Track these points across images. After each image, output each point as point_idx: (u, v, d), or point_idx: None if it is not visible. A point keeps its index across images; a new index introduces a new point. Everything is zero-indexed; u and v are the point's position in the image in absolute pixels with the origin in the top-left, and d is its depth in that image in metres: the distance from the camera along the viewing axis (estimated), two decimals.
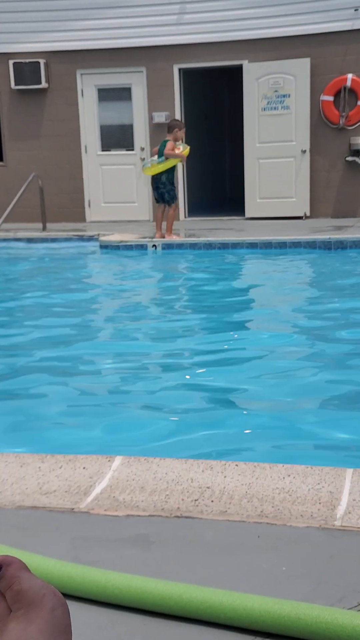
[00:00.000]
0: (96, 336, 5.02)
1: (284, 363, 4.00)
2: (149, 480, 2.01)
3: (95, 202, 11.56)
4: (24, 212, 10.58)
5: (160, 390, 3.60)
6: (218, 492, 1.94)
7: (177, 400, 3.44)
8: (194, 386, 3.71)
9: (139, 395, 3.56)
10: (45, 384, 3.74)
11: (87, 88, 11.21)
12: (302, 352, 4.24)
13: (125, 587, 1.50)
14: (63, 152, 11.40)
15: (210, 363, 4.08)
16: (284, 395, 3.43)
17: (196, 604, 1.46)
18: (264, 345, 4.46)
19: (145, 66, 10.89)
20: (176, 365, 4.12)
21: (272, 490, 1.94)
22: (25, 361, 4.23)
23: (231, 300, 6.14)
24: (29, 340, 4.77)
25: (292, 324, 5.00)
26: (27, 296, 6.44)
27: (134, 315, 5.61)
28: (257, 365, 3.99)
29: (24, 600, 0.63)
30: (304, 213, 10.55)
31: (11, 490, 1.97)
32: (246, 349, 4.44)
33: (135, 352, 4.41)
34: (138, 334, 5.00)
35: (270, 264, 7.67)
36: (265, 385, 3.60)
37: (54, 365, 4.10)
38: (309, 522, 1.78)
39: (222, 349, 4.44)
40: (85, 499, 1.91)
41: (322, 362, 4.00)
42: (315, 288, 6.59)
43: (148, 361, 4.21)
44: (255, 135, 10.64)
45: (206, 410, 3.32)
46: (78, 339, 4.82)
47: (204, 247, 8.39)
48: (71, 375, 3.94)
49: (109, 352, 4.43)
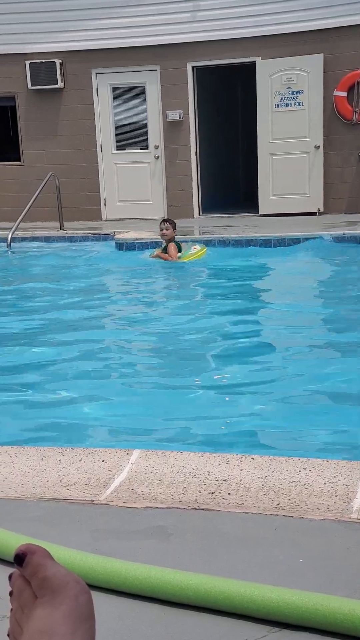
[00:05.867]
0: (113, 332, 5.06)
1: (302, 357, 4.01)
2: (167, 473, 2.03)
3: (111, 200, 11.61)
4: (42, 211, 10.65)
5: (178, 384, 3.63)
6: (235, 484, 1.96)
7: (194, 395, 3.47)
8: (210, 380, 3.73)
9: (157, 390, 3.59)
10: (66, 379, 3.79)
11: (102, 87, 11.26)
12: (320, 346, 4.25)
13: (145, 577, 1.52)
14: (79, 151, 11.46)
15: (227, 357, 4.11)
16: (301, 389, 3.44)
17: (214, 594, 1.48)
18: (281, 339, 4.48)
19: (159, 64, 10.91)
20: (193, 359, 4.15)
21: (288, 483, 1.96)
22: (44, 357, 4.27)
23: (246, 296, 6.15)
24: (46, 337, 4.81)
25: (308, 318, 5.01)
26: (45, 294, 6.50)
27: (151, 311, 5.65)
28: (274, 359, 4.01)
29: (48, 587, 0.65)
30: (318, 209, 10.53)
31: (32, 482, 2.00)
32: (264, 343, 4.46)
33: (151, 347, 4.45)
34: (155, 329, 5.03)
35: (284, 259, 7.66)
36: (283, 379, 3.62)
37: (73, 361, 4.14)
38: (325, 514, 1.79)
39: (239, 343, 4.47)
40: (104, 492, 1.94)
41: (339, 355, 4.02)
42: (329, 283, 6.59)
43: (165, 356, 4.24)
44: (268, 132, 10.64)
45: (223, 404, 3.34)
46: (94, 335, 4.86)
47: (218, 244, 8.40)
48: (90, 371, 3.98)
49: (127, 347, 4.47)
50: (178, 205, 11.21)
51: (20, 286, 7.06)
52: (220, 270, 7.37)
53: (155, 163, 11.32)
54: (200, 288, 6.78)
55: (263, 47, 10.46)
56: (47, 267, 8.08)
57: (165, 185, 11.33)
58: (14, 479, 2.04)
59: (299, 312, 5.22)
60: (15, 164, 11.83)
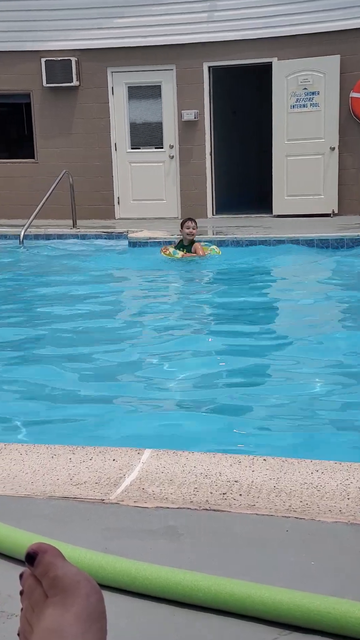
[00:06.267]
0: (124, 331, 5.06)
1: (314, 358, 3.99)
2: (178, 473, 2.02)
3: (125, 199, 11.62)
4: (55, 208, 10.67)
5: (190, 385, 3.62)
6: (246, 486, 1.94)
7: (206, 395, 3.46)
8: (222, 381, 3.72)
9: (168, 390, 3.58)
10: (76, 378, 3.79)
11: (117, 86, 11.27)
12: (333, 347, 4.23)
13: (155, 577, 1.51)
14: (93, 150, 11.48)
15: (239, 358, 4.10)
16: (313, 391, 3.42)
17: (224, 595, 1.47)
18: (292, 339, 4.46)
19: (175, 64, 10.91)
20: (205, 359, 4.14)
21: (300, 485, 1.94)
22: (54, 355, 4.28)
23: (257, 296, 6.14)
24: (58, 335, 4.82)
25: (319, 319, 4.99)
26: (56, 291, 6.51)
27: (162, 310, 5.64)
28: (286, 361, 3.99)
29: (59, 587, 0.65)
30: (332, 210, 10.49)
31: (42, 480, 2.00)
32: (275, 344, 4.45)
33: (164, 348, 4.44)
34: (166, 328, 5.03)
35: (298, 260, 7.64)
36: (296, 379, 3.60)
37: (84, 360, 4.14)
38: (337, 517, 1.78)
39: (251, 344, 4.46)
40: (115, 491, 1.93)
41: (353, 357, 3.99)
42: (342, 285, 6.56)
43: (177, 356, 4.24)
44: (283, 133, 10.61)
45: (235, 406, 3.33)
46: (106, 334, 4.86)
47: (231, 244, 8.39)
48: (101, 370, 3.98)
49: (139, 347, 4.46)
50: (192, 205, 11.20)
51: (32, 283, 7.08)
52: (233, 269, 7.35)
53: (169, 162, 11.32)
54: (212, 287, 6.76)
55: (279, 47, 10.43)
56: (59, 265, 8.10)
57: (179, 185, 11.32)
58: (24, 476, 2.03)
59: (310, 312, 5.20)
60: (30, 161, 11.86)
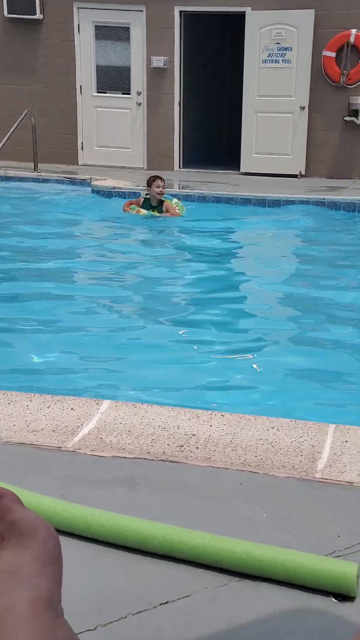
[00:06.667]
0: (85, 281, 5.02)
1: (276, 318, 4.04)
2: (136, 424, 2.04)
3: (89, 145, 11.37)
4: (16, 150, 10.36)
5: (153, 339, 3.63)
6: (203, 439, 1.98)
7: (169, 350, 3.47)
8: (186, 336, 3.74)
9: (131, 344, 3.58)
10: (38, 326, 3.76)
11: (83, 23, 10.89)
12: (294, 308, 4.28)
13: (110, 524, 1.54)
14: (57, 90, 11.13)
15: (203, 315, 4.11)
16: (274, 351, 3.47)
17: (178, 544, 1.50)
18: (256, 299, 4.50)
19: (146, 5, 10.58)
20: (169, 315, 4.14)
21: (255, 441, 1.98)
22: (13, 305, 4.23)
23: (224, 254, 6.14)
24: (18, 283, 4.76)
25: (283, 280, 5.03)
26: (13, 236, 6.39)
27: (123, 263, 5.60)
28: (249, 319, 4.03)
29: (17, 530, 0.65)
30: (299, 171, 10.47)
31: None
32: (239, 302, 4.48)
33: (126, 300, 4.43)
34: (128, 281, 5.00)
35: (263, 221, 7.64)
36: (257, 340, 3.64)
37: (44, 311, 4.10)
38: (290, 472, 1.82)
39: (215, 301, 4.47)
40: (72, 439, 1.94)
41: (313, 319, 4.05)
42: (306, 247, 6.60)
43: (140, 310, 4.23)
44: (254, 88, 10.47)
45: (196, 362, 3.36)
46: (69, 284, 4.82)
47: (197, 199, 8.33)
48: (61, 318, 3.96)
49: (102, 300, 4.44)
50: (158, 155, 11.04)
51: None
52: (198, 225, 7.31)
53: (137, 109, 11.10)
54: (175, 243, 6.73)
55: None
56: (18, 209, 7.93)
57: (146, 134, 11.13)
58: None
59: (275, 273, 5.23)
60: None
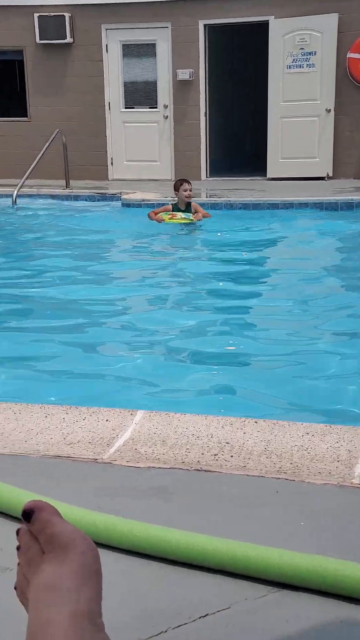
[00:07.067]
0: (119, 295, 5.05)
1: (308, 322, 4.00)
2: (170, 434, 2.04)
3: (118, 160, 11.49)
4: (48, 168, 10.53)
5: (183, 349, 3.63)
6: (237, 447, 1.97)
7: (200, 358, 3.47)
8: (216, 345, 3.73)
9: (163, 352, 3.59)
10: (70, 338, 3.79)
11: (111, 43, 11.05)
12: (326, 312, 4.24)
13: (146, 536, 1.54)
14: (87, 109, 11.30)
15: (233, 321, 4.10)
16: (306, 356, 3.44)
17: (215, 554, 1.49)
18: (287, 304, 4.47)
19: (171, 21, 10.69)
20: (199, 322, 4.14)
21: (290, 448, 1.96)
22: (48, 318, 4.27)
23: (253, 260, 6.12)
24: (49, 298, 4.81)
25: (314, 283, 4.99)
26: (48, 253, 6.47)
27: (154, 274, 5.63)
28: (280, 325, 4.00)
29: (56, 543, 0.66)
30: (327, 173, 10.41)
31: (36, 439, 2.01)
32: (269, 308, 4.45)
33: (157, 312, 4.44)
34: (160, 292, 5.02)
35: (291, 224, 7.61)
36: (288, 345, 3.61)
37: (78, 323, 4.14)
38: (327, 479, 1.80)
39: (245, 308, 4.46)
40: (108, 450, 1.95)
41: (346, 322, 4.01)
42: (336, 249, 6.55)
43: (171, 318, 4.24)
44: (279, 94, 10.47)
45: (228, 369, 3.35)
46: (100, 297, 4.85)
47: (224, 207, 8.33)
48: (94, 333, 3.98)
49: (133, 311, 4.46)
50: (185, 166, 11.09)
51: (24, 244, 7.03)
52: (227, 233, 7.31)
53: (163, 123, 11.18)
54: (205, 251, 6.73)
55: (277, 5, 10.23)
56: (52, 226, 8.03)
57: (173, 146, 11.19)
58: (18, 435, 2.05)
59: (305, 277, 5.19)
60: (22, 119, 11.68)
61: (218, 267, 5.88)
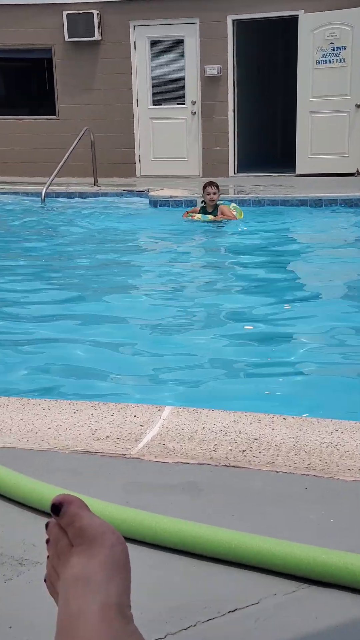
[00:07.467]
0: (145, 290, 5.06)
1: (336, 320, 3.97)
2: (198, 430, 2.04)
3: (146, 156, 11.50)
4: (76, 166, 10.59)
5: (210, 345, 3.63)
6: (266, 443, 1.96)
7: (228, 354, 3.46)
8: (243, 341, 3.72)
9: (189, 348, 3.59)
10: (99, 335, 3.81)
11: (139, 40, 11.06)
12: (355, 309, 4.20)
13: (175, 531, 1.54)
14: (115, 106, 11.34)
15: (261, 318, 4.09)
16: (334, 352, 3.42)
17: (244, 549, 1.49)
18: (315, 301, 4.44)
19: (199, 17, 10.67)
20: (227, 318, 4.14)
21: (319, 444, 1.95)
22: (80, 312, 4.30)
23: (282, 257, 6.09)
24: (79, 295, 4.83)
25: (343, 281, 4.95)
26: (77, 250, 6.51)
27: (183, 270, 5.63)
28: (308, 322, 3.98)
29: (85, 537, 0.66)
30: (357, 169, 10.32)
31: (65, 435, 2.03)
32: (298, 305, 4.43)
33: (185, 306, 4.44)
34: (187, 287, 5.02)
35: (321, 221, 7.55)
36: (315, 342, 3.59)
37: (107, 320, 4.15)
38: (357, 476, 1.79)
39: (274, 304, 4.44)
40: (136, 446, 1.95)
41: None
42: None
43: (198, 314, 4.24)
44: (308, 89, 10.39)
45: (255, 365, 3.34)
46: (129, 295, 4.87)
47: (253, 203, 8.30)
48: (123, 328, 4.00)
49: (162, 309, 4.46)
50: (214, 163, 11.07)
51: (53, 242, 7.08)
52: (254, 229, 7.29)
53: (191, 119, 11.16)
54: (234, 247, 6.71)
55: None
56: (80, 224, 8.08)
57: (201, 143, 11.17)
58: (47, 431, 2.06)
59: (334, 275, 5.15)
60: (51, 118, 11.76)
61: (251, 260, 5.86)
